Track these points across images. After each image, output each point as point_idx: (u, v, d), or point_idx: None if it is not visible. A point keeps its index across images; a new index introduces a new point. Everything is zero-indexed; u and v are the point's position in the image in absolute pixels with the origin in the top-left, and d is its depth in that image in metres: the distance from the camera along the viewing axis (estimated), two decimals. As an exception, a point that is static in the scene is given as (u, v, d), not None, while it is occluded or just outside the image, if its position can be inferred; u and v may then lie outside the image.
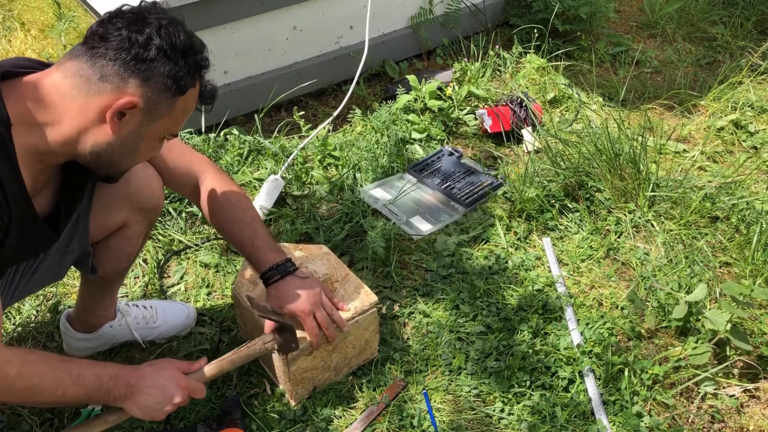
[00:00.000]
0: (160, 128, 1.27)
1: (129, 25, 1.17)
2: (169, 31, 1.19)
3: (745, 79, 2.97)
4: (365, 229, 2.16)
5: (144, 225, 1.64)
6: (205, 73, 1.29)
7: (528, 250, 2.17)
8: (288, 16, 2.70)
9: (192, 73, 1.23)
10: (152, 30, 1.18)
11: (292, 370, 1.61)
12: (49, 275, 1.51)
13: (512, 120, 2.67)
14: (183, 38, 1.21)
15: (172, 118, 1.27)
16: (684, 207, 2.22)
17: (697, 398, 1.72)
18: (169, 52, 1.19)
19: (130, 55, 1.16)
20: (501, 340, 1.85)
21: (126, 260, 1.68)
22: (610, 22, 3.60)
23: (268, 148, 2.54)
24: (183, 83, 1.22)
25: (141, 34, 1.17)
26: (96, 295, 1.74)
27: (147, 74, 1.18)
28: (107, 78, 1.17)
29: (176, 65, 1.20)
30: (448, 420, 1.67)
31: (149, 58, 1.17)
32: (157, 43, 1.17)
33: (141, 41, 1.17)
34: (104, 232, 1.57)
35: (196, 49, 1.24)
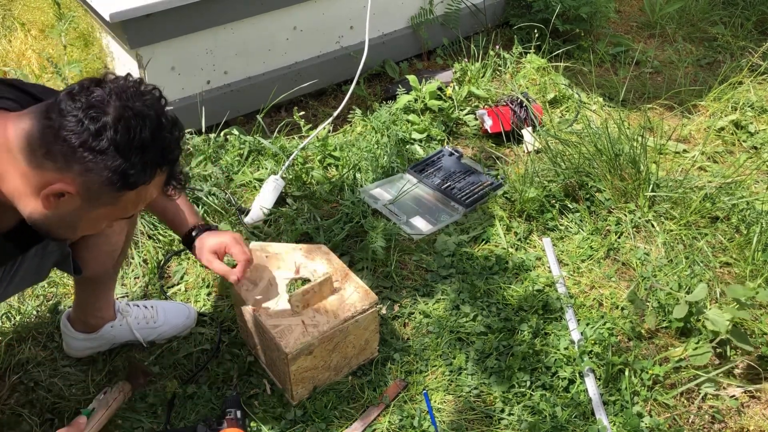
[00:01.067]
0: (102, 214, 1.21)
1: (88, 108, 1.09)
2: (130, 125, 1.10)
3: (745, 79, 2.97)
4: (365, 229, 2.16)
5: (123, 221, 1.58)
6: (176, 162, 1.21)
7: (528, 250, 2.17)
8: (288, 16, 2.70)
9: (148, 169, 1.14)
10: (109, 120, 1.09)
11: (292, 369, 1.61)
12: (29, 277, 1.48)
13: (512, 120, 2.67)
14: (144, 134, 1.11)
15: (118, 208, 1.20)
16: (684, 207, 2.22)
17: (697, 399, 1.72)
18: (122, 147, 1.10)
19: (78, 141, 1.08)
20: (501, 340, 1.85)
21: (110, 259, 1.64)
22: (610, 22, 3.60)
23: (269, 149, 2.54)
24: (132, 180, 1.13)
25: (96, 122, 1.08)
26: (90, 296, 1.73)
27: (90, 165, 1.10)
28: (51, 156, 1.10)
29: (127, 161, 1.11)
30: (448, 420, 1.67)
31: (97, 149, 1.09)
32: (110, 136, 1.09)
33: (93, 130, 1.08)
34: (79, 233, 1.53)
35: (161, 144, 1.15)
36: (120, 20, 2.23)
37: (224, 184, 2.38)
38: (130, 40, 2.31)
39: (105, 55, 2.86)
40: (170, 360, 1.82)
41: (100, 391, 1.72)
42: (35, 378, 1.77)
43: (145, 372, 1.74)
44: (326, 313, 1.66)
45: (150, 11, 2.28)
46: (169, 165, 1.20)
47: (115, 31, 2.37)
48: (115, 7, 2.22)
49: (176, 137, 1.19)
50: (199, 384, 1.75)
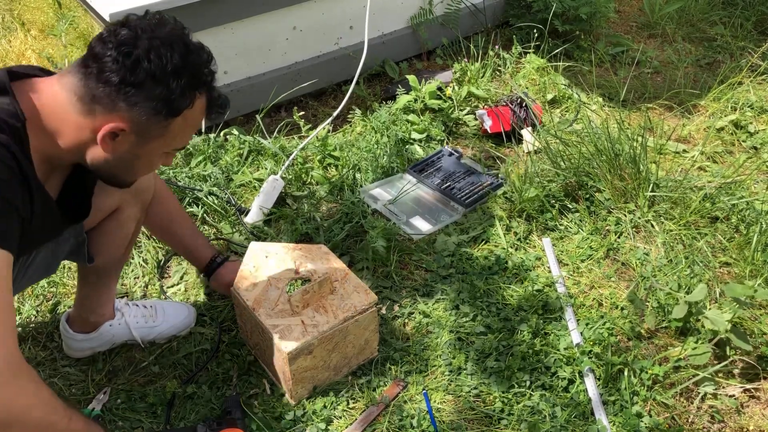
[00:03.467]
0: (156, 147, 1.27)
1: (119, 46, 1.15)
2: (160, 53, 1.16)
3: (745, 80, 2.97)
4: (365, 229, 2.16)
5: (136, 208, 1.66)
6: (212, 85, 1.27)
7: (528, 250, 2.17)
8: (288, 16, 2.70)
9: (187, 92, 1.21)
10: (141, 52, 1.15)
11: (292, 369, 1.61)
12: (42, 268, 1.52)
13: (512, 120, 2.67)
14: (175, 60, 1.18)
15: (169, 138, 1.26)
16: (684, 207, 2.22)
17: (696, 398, 1.72)
18: (158, 75, 1.16)
19: (118, 78, 1.15)
20: (501, 340, 1.85)
21: (121, 246, 1.68)
22: (610, 23, 3.60)
23: (268, 149, 2.54)
24: (176, 105, 1.20)
25: (129, 57, 1.15)
26: (94, 290, 1.74)
27: (134, 99, 1.17)
28: (97, 100, 1.17)
29: (166, 88, 1.18)
30: (448, 420, 1.67)
31: (136, 82, 1.16)
32: (145, 67, 1.15)
33: (128, 65, 1.15)
34: (99, 216, 1.58)
35: (193, 67, 1.21)
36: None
37: (224, 184, 2.38)
38: (130, 40, 2.31)
39: (105, 55, 2.86)
40: (170, 360, 1.82)
41: (100, 391, 1.72)
42: (35, 378, 1.77)
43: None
44: (326, 313, 1.66)
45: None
46: (205, 87, 1.25)
47: (115, 31, 2.37)
48: (115, 7, 2.22)
49: (205, 59, 1.25)
50: (199, 384, 1.75)
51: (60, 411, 1.20)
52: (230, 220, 2.27)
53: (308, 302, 1.67)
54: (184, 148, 1.40)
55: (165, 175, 2.33)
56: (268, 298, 1.69)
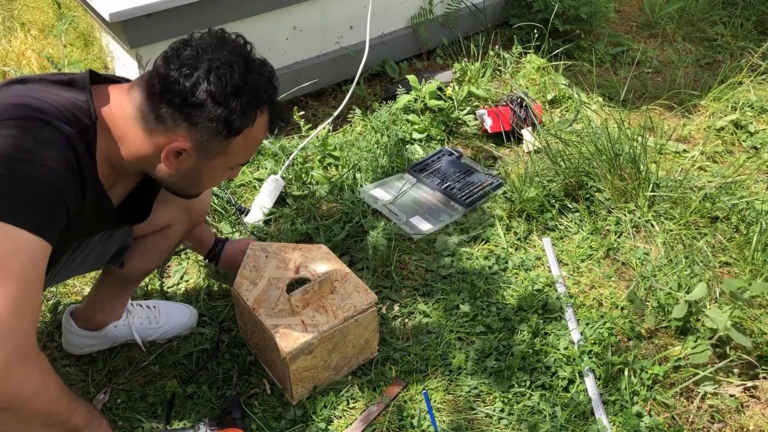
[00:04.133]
0: (219, 164, 1.30)
1: (181, 67, 1.18)
2: (220, 74, 1.18)
3: (745, 79, 2.97)
4: (365, 229, 2.16)
5: (186, 226, 1.70)
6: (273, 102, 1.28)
7: (528, 250, 2.17)
8: (288, 16, 2.70)
9: (248, 112, 1.22)
10: (201, 74, 1.17)
11: (292, 369, 1.61)
12: (88, 263, 1.57)
13: (512, 120, 2.67)
14: (236, 79, 1.19)
15: (231, 155, 1.29)
16: (684, 207, 2.22)
17: (696, 398, 1.72)
18: (218, 96, 1.18)
19: (179, 100, 1.18)
20: (501, 340, 1.85)
21: (157, 261, 1.72)
22: (610, 22, 3.60)
23: (268, 148, 2.54)
24: (236, 126, 1.22)
25: (189, 78, 1.17)
26: (112, 293, 1.75)
27: (195, 119, 1.19)
28: (161, 119, 1.20)
29: (226, 109, 1.19)
30: (448, 420, 1.67)
31: (197, 103, 1.18)
32: (205, 88, 1.17)
33: (189, 87, 1.17)
34: (149, 229, 1.62)
35: (253, 86, 1.22)
36: (120, 20, 2.23)
37: (224, 184, 2.38)
38: (130, 39, 2.31)
39: (105, 55, 2.86)
40: (170, 360, 1.82)
41: (100, 391, 1.72)
42: (35, 378, 1.77)
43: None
44: (326, 313, 1.66)
45: (150, 11, 2.28)
46: (267, 104, 1.26)
47: (115, 31, 2.37)
48: (115, 7, 2.22)
49: (267, 77, 1.26)
50: (199, 384, 1.75)
51: (63, 403, 1.21)
52: (230, 220, 2.27)
53: (308, 302, 1.67)
54: (248, 162, 1.41)
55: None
56: (268, 298, 1.69)
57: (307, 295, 1.66)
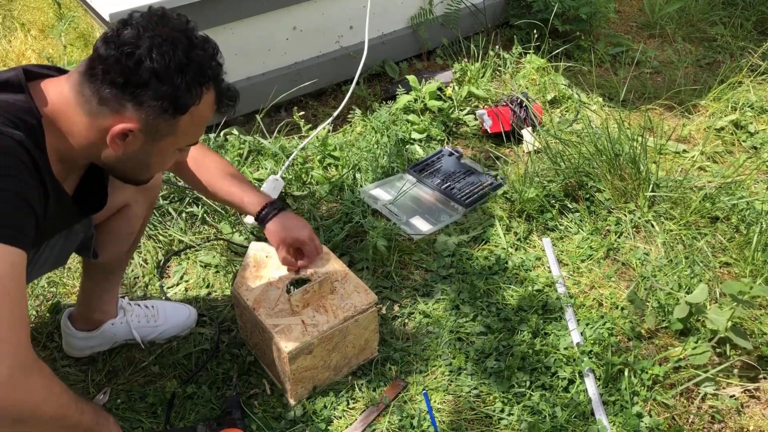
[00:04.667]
0: (167, 145, 1.27)
1: (122, 46, 1.15)
2: (162, 51, 1.15)
3: (745, 80, 2.97)
4: (365, 229, 2.16)
5: (144, 206, 1.67)
6: (219, 78, 1.26)
7: (528, 250, 2.17)
8: (288, 16, 2.70)
9: (194, 89, 1.20)
10: (143, 52, 1.14)
11: (292, 369, 1.61)
12: (52, 260, 1.53)
13: (512, 120, 2.67)
14: (179, 56, 1.17)
15: (180, 135, 1.26)
16: (684, 207, 2.22)
17: (697, 398, 1.72)
18: (162, 74, 1.15)
19: (123, 79, 1.15)
20: (501, 340, 1.85)
21: (126, 243, 1.69)
22: (610, 23, 3.60)
23: (268, 149, 2.54)
24: (182, 102, 1.19)
25: (131, 57, 1.14)
26: (98, 287, 1.74)
27: (140, 99, 1.16)
28: (104, 101, 1.17)
29: (171, 86, 1.17)
30: (448, 420, 1.67)
31: (141, 82, 1.15)
32: (148, 66, 1.14)
33: (131, 65, 1.14)
34: (107, 213, 1.59)
35: (198, 62, 1.20)
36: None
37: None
38: (130, 40, 2.31)
39: (105, 55, 2.86)
40: (170, 360, 1.82)
41: (100, 391, 1.72)
42: (35, 378, 1.77)
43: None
44: (326, 313, 1.66)
45: (150, 11, 2.28)
46: (212, 81, 1.24)
47: (115, 31, 2.37)
48: (115, 7, 2.22)
49: (210, 53, 1.24)
50: (199, 384, 1.75)
51: (72, 405, 1.21)
52: (230, 220, 2.27)
53: (308, 302, 1.67)
54: (196, 143, 1.39)
55: (165, 175, 2.33)
56: (268, 298, 1.69)
57: (307, 295, 1.66)
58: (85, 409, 1.25)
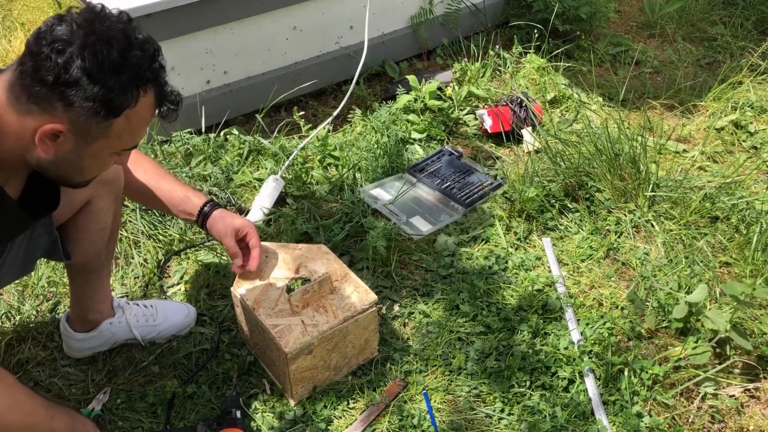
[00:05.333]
0: (101, 147, 1.21)
1: (53, 42, 1.09)
2: (95, 50, 1.09)
3: (745, 79, 2.97)
4: (365, 229, 2.16)
5: (109, 199, 1.60)
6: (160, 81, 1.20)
7: (528, 250, 2.17)
8: (288, 16, 2.70)
9: (129, 91, 1.14)
10: (75, 50, 1.09)
11: (292, 369, 1.61)
12: (16, 266, 1.48)
13: (512, 120, 2.67)
14: (114, 56, 1.11)
15: (113, 138, 1.19)
16: (684, 207, 2.22)
17: (697, 398, 1.72)
18: (94, 73, 1.09)
19: (52, 77, 1.09)
20: (501, 340, 1.85)
21: (100, 240, 1.64)
22: (610, 22, 3.60)
23: (268, 148, 2.54)
24: (116, 104, 1.13)
25: (62, 54, 1.08)
26: (86, 288, 1.72)
27: (71, 98, 1.10)
28: (34, 99, 1.11)
29: (103, 87, 1.11)
30: (448, 420, 1.67)
31: (71, 81, 1.09)
32: (79, 65, 1.08)
33: (61, 63, 1.08)
34: (70, 212, 1.54)
35: (135, 63, 1.14)
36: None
37: (224, 184, 2.38)
38: (130, 40, 2.31)
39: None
40: (170, 360, 1.82)
41: (100, 391, 1.72)
42: (35, 378, 1.77)
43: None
44: (326, 313, 1.66)
45: (150, 11, 2.28)
46: (150, 83, 1.19)
47: (115, 31, 2.37)
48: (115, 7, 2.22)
49: (150, 54, 1.18)
50: (199, 384, 1.75)
51: (40, 412, 1.17)
52: (230, 220, 2.27)
53: (308, 302, 1.67)
54: (136, 146, 1.31)
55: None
56: (268, 298, 1.69)
57: (307, 295, 1.66)
58: (56, 414, 1.21)
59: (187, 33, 2.44)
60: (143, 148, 2.40)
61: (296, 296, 1.64)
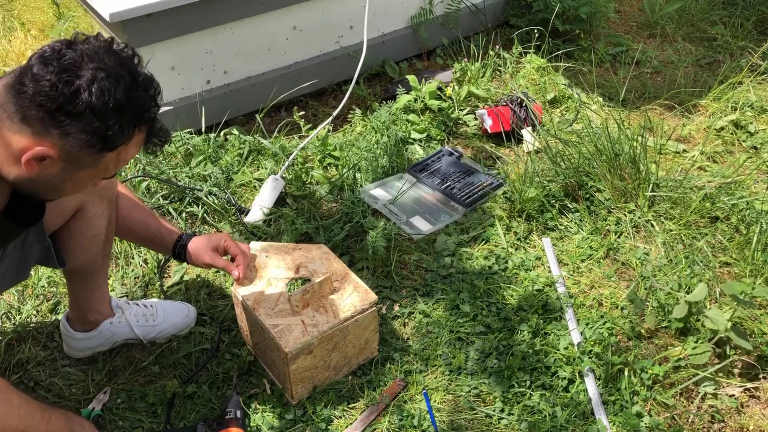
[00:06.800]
0: (85, 176, 1.21)
1: (61, 72, 1.09)
2: (103, 86, 1.10)
3: (745, 79, 2.97)
4: (365, 229, 2.16)
5: (102, 205, 1.60)
6: (153, 121, 1.21)
7: (528, 250, 2.17)
8: (288, 16, 2.70)
9: (126, 129, 1.15)
10: (83, 83, 1.09)
11: (292, 369, 1.61)
12: (11, 274, 1.47)
13: (512, 120, 2.67)
14: (119, 95, 1.11)
15: (101, 169, 1.21)
16: (684, 207, 2.22)
17: (697, 398, 1.72)
18: (98, 109, 1.10)
19: (54, 106, 1.09)
20: (501, 340, 1.85)
21: (95, 245, 1.64)
22: (610, 22, 3.60)
23: (268, 148, 2.54)
24: (112, 141, 1.14)
25: (69, 85, 1.08)
26: (84, 290, 1.72)
27: (68, 129, 1.11)
28: (28, 121, 1.10)
29: (104, 124, 1.11)
30: (448, 420, 1.67)
31: (74, 113, 1.09)
32: (85, 99, 1.09)
33: (67, 94, 1.08)
34: (62, 219, 1.54)
35: (137, 103, 1.15)
36: (120, 20, 2.23)
37: (224, 184, 2.38)
38: (130, 40, 2.31)
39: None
40: (170, 359, 1.82)
41: (100, 391, 1.72)
42: (35, 378, 1.77)
43: None
44: (326, 313, 1.66)
45: (150, 11, 2.28)
46: (146, 123, 1.20)
47: (115, 31, 2.37)
48: (115, 7, 2.23)
49: (152, 95, 1.19)
50: (199, 384, 1.75)
51: (36, 414, 1.18)
52: (230, 220, 2.27)
53: (308, 302, 1.67)
54: (114, 176, 1.32)
55: (165, 175, 2.34)
56: (268, 298, 1.69)
57: (307, 295, 1.66)
58: (53, 417, 1.22)
59: (187, 33, 2.44)
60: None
61: (296, 296, 1.64)
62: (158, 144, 1.26)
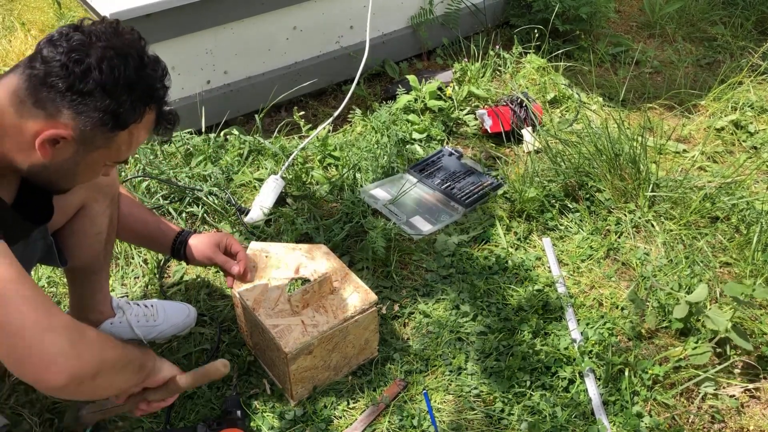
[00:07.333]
0: (99, 157, 1.22)
1: (70, 52, 1.10)
2: (113, 64, 1.11)
3: (745, 79, 2.97)
4: (365, 229, 2.16)
5: (104, 203, 1.60)
6: (163, 101, 1.22)
7: (528, 250, 2.17)
8: (288, 16, 2.70)
9: (137, 107, 1.17)
10: (93, 61, 1.10)
11: (292, 369, 1.61)
12: None
13: (512, 120, 2.67)
14: (128, 72, 1.13)
15: (113, 150, 1.22)
16: (684, 207, 2.22)
17: (697, 398, 1.72)
18: (108, 87, 1.12)
19: (65, 85, 1.10)
20: (501, 340, 1.85)
21: (97, 243, 1.64)
22: (610, 22, 3.60)
23: (268, 148, 2.54)
24: (123, 119, 1.16)
25: (80, 64, 1.10)
26: (85, 290, 1.73)
27: (81, 107, 1.12)
28: (41, 104, 1.11)
29: (115, 101, 1.13)
30: (448, 420, 1.67)
31: (85, 91, 1.11)
32: (95, 77, 1.10)
33: (78, 72, 1.10)
34: (64, 217, 1.54)
35: (146, 81, 1.17)
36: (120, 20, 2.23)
37: (224, 184, 2.38)
38: (130, 40, 2.31)
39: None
40: (170, 360, 1.81)
41: (100, 391, 1.72)
42: (35, 378, 1.77)
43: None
44: (326, 313, 1.66)
45: (150, 11, 2.28)
46: (156, 102, 1.22)
47: (115, 31, 2.37)
48: (115, 7, 2.23)
49: (160, 75, 1.21)
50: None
51: (128, 346, 1.27)
52: (230, 220, 2.27)
53: (308, 302, 1.67)
54: (126, 162, 1.34)
55: (165, 175, 2.34)
56: (268, 298, 1.69)
57: (307, 295, 1.66)
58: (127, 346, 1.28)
59: (187, 33, 2.44)
60: (144, 147, 2.40)
61: (296, 296, 1.64)
62: (168, 127, 1.27)
